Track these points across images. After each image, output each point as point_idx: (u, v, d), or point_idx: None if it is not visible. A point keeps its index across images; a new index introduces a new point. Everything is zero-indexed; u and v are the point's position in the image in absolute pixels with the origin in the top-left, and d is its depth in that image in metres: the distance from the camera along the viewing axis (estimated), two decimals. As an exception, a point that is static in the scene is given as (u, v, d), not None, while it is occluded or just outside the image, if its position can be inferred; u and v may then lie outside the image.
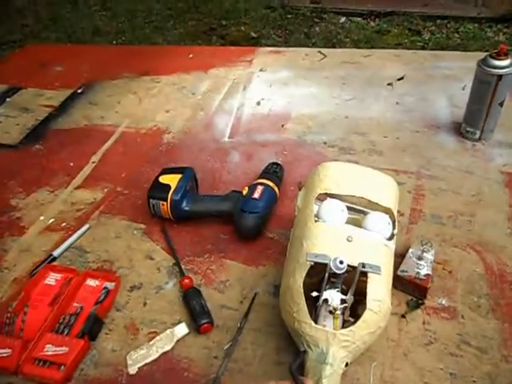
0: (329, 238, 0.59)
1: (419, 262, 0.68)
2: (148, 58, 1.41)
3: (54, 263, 0.81)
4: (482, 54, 0.90)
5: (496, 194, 0.83)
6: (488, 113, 0.88)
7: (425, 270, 0.67)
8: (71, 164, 1.03)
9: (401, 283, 0.68)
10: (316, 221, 0.61)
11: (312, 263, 0.56)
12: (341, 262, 0.55)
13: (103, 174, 0.99)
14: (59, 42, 3.16)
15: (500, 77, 0.83)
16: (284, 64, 1.28)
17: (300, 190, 0.89)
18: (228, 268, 0.77)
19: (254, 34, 2.99)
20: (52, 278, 0.78)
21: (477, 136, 0.92)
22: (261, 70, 1.26)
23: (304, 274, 0.56)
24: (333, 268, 0.55)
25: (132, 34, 3.28)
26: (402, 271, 0.68)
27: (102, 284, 0.76)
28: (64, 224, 0.89)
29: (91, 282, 0.77)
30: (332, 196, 0.64)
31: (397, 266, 0.68)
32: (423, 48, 2.64)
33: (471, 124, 0.92)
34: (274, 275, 0.74)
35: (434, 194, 0.85)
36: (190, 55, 1.39)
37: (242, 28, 3.07)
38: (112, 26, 3.45)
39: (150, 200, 0.83)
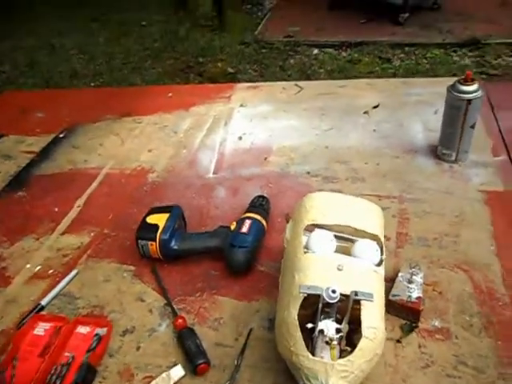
0: (319, 268, 0.59)
1: (410, 286, 0.69)
2: (128, 99, 1.43)
3: (43, 312, 0.79)
4: (450, 79, 0.95)
5: (477, 212, 0.86)
6: (461, 135, 0.91)
7: (416, 293, 0.68)
8: (56, 209, 1.03)
9: (393, 308, 0.68)
10: (305, 252, 0.61)
11: (305, 295, 0.56)
12: (333, 292, 0.55)
13: (89, 218, 0.99)
14: (36, 88, 3.18)
15: (469, 101, 0.87)
16: (263, 98, 1.32)
17: (287, 221, 0.90)
18: (221, 305, 0.76)
19: (230, 70, 3.06)
20: (41, 328, 0.76)
21: (453, 158, 0.96)
22: (241, 106, 1.29)
23: (298, 307, 0.57)
24: (326, 298, 0.55)
25: (110, 75, 3.33)
26: (394, 295, 0.68)
27: (94, 330, 0.75)
28: (51, 271, 0.87)
29: (82, 330, 0.75)
30: (320, 226, 0.65)
31: (388, 290, 0.69)
32: (394, 74, 2.74)
33: (447, 146, 0.95)
34: (268, 309, 0.74)
35: (418, 216, 0.87)
36: (170, 94, 1.42)
37: (219, 64, 3.15)
38: (90, 69, 3.49)
39: (139, 241, 0.83)
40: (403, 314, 0.68)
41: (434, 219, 0.86)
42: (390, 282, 0.71)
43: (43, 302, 0.80)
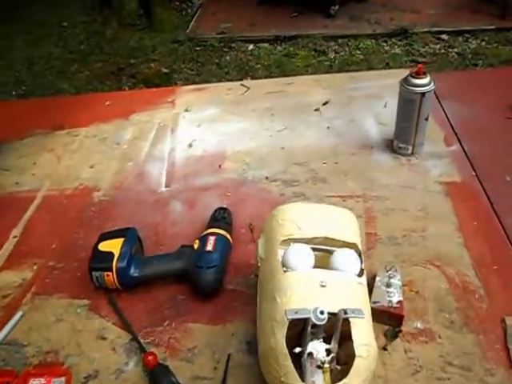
0: (302, 287, 0.55)
1: (389, 290, 0.67)
2: (60, 111, 1.30)
3: (-15, 367, 0.69)
4: (394, 72, 0.95)
5: (440, 204, 0.86)
6: (417, 128, 0.91)
7: (396, 297, 0.67)
8: (-12, 242, 0.91)
9: (375, 315, 0.65)
10: (285, 271, 0.57)
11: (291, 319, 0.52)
12: (321, 313, 0.51)
13: (29, 249, 0.88)
14: None
15: (423, 94, 0.87)
16: (208, 101, 1.25)
17: (252, 231, 0.86)
18: (193, 333, 0.70)
19: (165, 70, 2.95)
20: (-15, 387, 0.66)
21: (409, 151, 0.96)
22: (186, 110, 1.22)
23: (285, 333, 0.52)
24: (314, 320, 0.51)
25: (33, 82, 3.09)
26: (375, 302, 0.66)
27: (50, 382, 0.65)
28: (-10, 316, 0.76)
29: (35, 382, 0.66)
30: (294, 240, 0.61)
31: (367, 296, 0.66)
32: (331, 66, 2.78)
33: (403, 140, 0.95)
34: (244, 330, 0.69)
35: (384, 214, 0.85)
36: (107, 102, 1.31)
37: (152, 65, 3.02)
38: (8, 76, 3.21)
39: (93, 272, 0.74)
40: (385, 319, 0.66)
41: (400, 216, 0.85)
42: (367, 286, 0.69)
43: (-16, 355, 0.70)
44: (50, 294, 0.79)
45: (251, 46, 3.06)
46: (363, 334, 0.53)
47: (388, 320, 0.66)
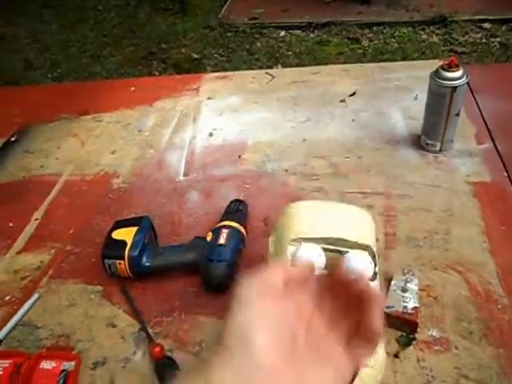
0: (310, 289, 0.53)
1: (404, 295, 0.64)
2: (86, 96, 1.31)
3: (0, 347, 0.71)
4: (426, 62, 0.90)
5: (466, 206, 0.82)
6: (446, 124, 0.87)
7: (412, 303, 0.63)
8: (10, 224, 0.93)
9: (388, 320, 0.63)
10: (293, 271, 0.55)
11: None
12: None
13: (49, 233, 0.89)
14: (-12, 81, 2.97)
15: (455, 88, 0.82)
16: (232, 89, 1.23)
17: (267, 225, 0.85)
18: (202, 325, 0.69)
19: (195, 55, 2.94)
20: (-1, 367, 0.68)
21: (437, 148, 0.91)
22: (209, 98, 1.20)
23: (289, 336, 0.50)
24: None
25: (68, 65, 3.15)
26: (389, 307, 0.63)
27: (60, 365, 0.66)
28: (8, 297, 0.78)
29: (46, 365, 0.67)
30: (306, 240, 0.59)
31: (381, 300, 0.63)
32: (364, 55, 2.70)
33: (431, 136, 0.90)
34: (253, 327, 0.68)
35: (405, 214, 0.82)
36: (132, 88, 1.31)
37: (183, 50, 3.02)
38: (45, 59, 3.29)
39: (105, 260, 0.74)
40: (399, 325, 0.63)
41: (422, 216, 0.81)
42: (382, 289, 0.66)
43: (0, 335, 0.72)
44: (66, 279, 0.80)
45: (283, 33, 3.01)
46: (371, 342, 0.51)
47: (401, 326, 0.63)
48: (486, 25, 2.73)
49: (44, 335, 0.72)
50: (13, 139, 1.18)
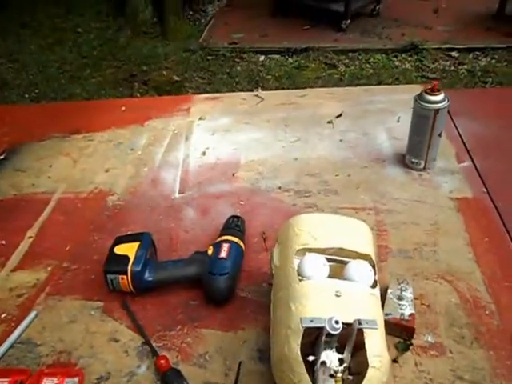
0: (317, 296, 0.56)
1: (400, 303, 0.68)
2: (76, 115, 1.32)
3: (-2, 365, 0.70)
4: (406, 87, 0.97)
5: (451, 220, 0.87)
6: (430, 144, 0.93)
7: (408, 310, 0.67)
8: (3, 242, 0.92)
9: (387, 326, 0.66)
10: (300, 280, 0.58)
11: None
12: (336, 322, 0.52)
13: (44, 250, 0.89)
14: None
15: (437, 110, 0.88)
16: (223, 110, 1.27)
17: (264, 240, 0.87)
18: (205, 338, 0.71)
19: (176, 78, 2.98)
20: (-2, 385, 0.67)
21: (421, 166, 0.97)
22: (200, 119, 1.24)
23: (299, 341, 0.53)
24: (329, 329, 0.52)
25: (46, 85, 3.13)
26: (387, 314, 0.67)
27: (62, 382, 0.66)
28: (4, 315, 0.77)
29: (48, 382, 0.66)
30: (310, 250, 0.62)
31: (378, 308, 0.67)
32: (341, 80, 2.81)
33: (415, 155, 0.96)
34: (255, 338, 0.70)
35: (395, 227, 0.86)
36: (123, 108, 1.33)
37: (164, 72, 3.06)
38: (22, 79, 3.26)
39: (108, 275, 0.75)
40: (397, 332, 0.67)
41: (411, 229, 0.86)
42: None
43: (-2, 353, 0.71)
44: (64, 295, 0.80)
45: (262, 57, 3.10)
46: (377, 345, 0.54)
47: (399, 332, 0.67)
48: (454, 53, 2.90)
49: (44, 352, 0.71)
50: (2, 157, 1.17)
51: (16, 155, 1.17)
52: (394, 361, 0.65)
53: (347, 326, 0.54)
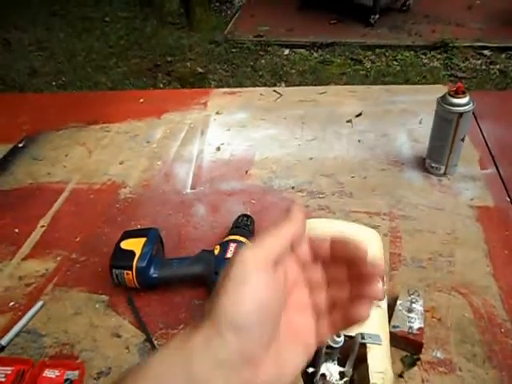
0: (320, 306, 0.54)
1: (410, 315, 0.65)
2: (95, 105, 1.33)
3: (2, 354, 0.70)
4: (432, 87, 0.92)
5: (469, 230, 0.83)
6: (451, 149, 0.89)
7: (417, 324, 0.64)
8: (16, 230, 0.93)
9: (394, 339, 0.64)
10: (304, 287, 0.56)
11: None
12: (338, 335, 0.50)
13: (55, 240, 0.90)
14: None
15: (461, 114, 0.84)
16: (240, 105, 1.25)
17: (273, 241, 0.85)
18: (206, 339, 0.70)
19: (200, 70, 2.98)
20: (1, 374, 0.67)
21: (442, 171, 0.93)
22: (217, 113, 1.22)
23: (299, 352, 0.51)
24: (329, 342, 0.50)
25: (73, 74, 3.17)
26: (394, 327, 0.64)
27: (63, 374, 0.66)
28: (12, 303, 0.78)
29: (50, 374, 0.67)
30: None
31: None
32: (366, 76, 2.74)
33: (435, 160, 0.92)
34: (258, 342, 0.68)
35: (410, 235, 0.83)
36: (141, 100, 1.33)
37: (188, 64, 3.06)
38: (50, 67, 3.32)
39: (113, 270, 0.75)
40: (403, 345, 0.64)
41: (427, 237, 0.82)
42: (387, 309, 0.67)
43: (3, 342, 0.71)
44: (71, 287, 0.80)
45: (287, 51, 3.06)
46: (379, 361, 0.52)
47: (406, 346, 0.64)
48: (486, 52, 2.79)
49: (48, 343, 0.72)
50: (20, 145, 1.19)
51: (34, 144, 1.19)
52: (400, 375, 0.62)
53: (350, 338, 0.52)
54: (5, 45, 3.64)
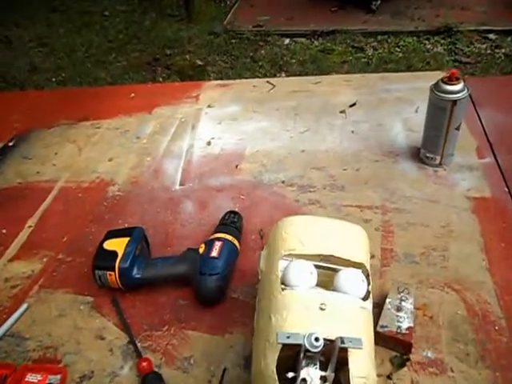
0: (299, 308, 0.52)
1: (399, 314, 0.63)
2: (86, 102, 1.31)
3: (-14, 358, 0.70)
4: (428, 74, 0.88)
5: (465, 222, 0.80)
6: (446, 138, 0.85)
7: (406, 323, 0.62)
8: (4, 231, 0.92)
9: (382, 339, 0.62)
10: (283, 289, 0.54)
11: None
12: (316, 340, 0.48)
13: (41, 240, 0.88)
14: (-7, 84, 2.99)
15: (455, 102, 0.80)
16: (232, 98, 1.22)
17: (261, 238, 0.83)
18: (191, 341, 0.68)
19: (199, 62, 2.94)
20: (-16, 379, 0.66)
21: (437, 161, 0.89)
22: (208, 106, 1.19)
23: (276, 357, 0.49)
24: (308, 347, 0.48)
25: (72, 69, 3.15)
26: (382, 327, 0.62)
27: (46, 379, 0.65)
28: (-3, 306, 0.77)
29: (32, 378, 0.66)
30: (298, 256, 0.57)
31: (375, 318, 0.61)
32: (368, 64, 2.68)
33: (430, 150, 0.89)
34: (243, 344, 0.66)
35: (403, 229, 0.80)
36: (132, 95, 1.30)
37: (187, 56, 3.02)
38: (50, 63, 3.30)
39: (96, 271, 0.73)
40: (392, 345, 0.62)
41: (420, 231, 0.79)
42: (376, 307, 0.64)
43: (-13, 346, 0.71)
44: (56, 288, 0.79)
45: (287, 41, 3.00)
46: (361, 366, 0.49)
47: (395, 346, 0.62)
48: (491, 36, 2.71)
49: (31, 347, 0.70)
50: (10, 144, 1.17)
51: (24, 142, 1.17)
52: (388, 377, 0.60)
53: (330, 342, 0.49)
54: (6, 43, 3.63)
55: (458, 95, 0.80)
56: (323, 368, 0.51)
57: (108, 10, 3.82)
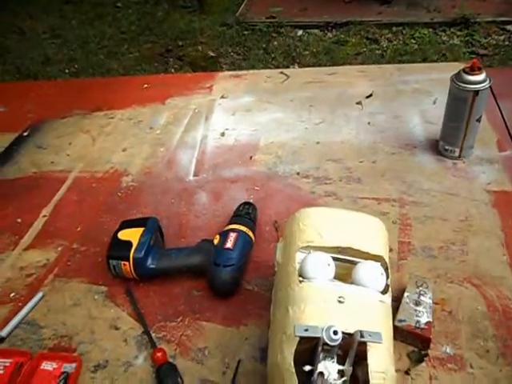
0: (317, 301, 0.51)
1: (417, 308, 0.62)
2: (100, 92, 1.31)
3: (2, 345, 0.70)
4: (447, 65, 0.86)
5: (485, 216, 0.78)
6: (466, 130, 0.83)
7: (425, 318, 0.61)
8: (19, 220, 0.92)
9: (400, 334, 0.61)
10: (301, 281, 0.53)
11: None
12: (335, 333, 0.47)
13: (56, 230, 0.88)
14: (7, 75, 3.01)
15: (477, 92, 0.78)
16: (246, 88, 1.21)
17: (277, 230, 0.82)
18: (205, 332, 0.68)
19: (212, 53, 2.92)
20: (0, 366, 0.67)
21: (456, 154, 0.87)
22: (222, 97, 1.18)
23: (294, 350, 0.48)
24: (326, 340, 0.47)
25: (85, 61, 3.16)
26: (400, 321, 0.61)
27: (61, 367, 0.65)
28: (12, 294, 0.77)
29: (47, 366, 0.66)
30: (315, 248, 0.56)
31: (393, 312, 0.60)
32: (382, 56, 2.64)
33: (449, 142, 0.87)
34: (259, 336, 0.66)
35: (421, 222, 0.78)
36: (145, 85, 1.30)
37: (199, 48, 3.00)
38: (63, 54, 3.31)
39: (110, 260, 0.73)
40: (410, 340, 0.61)
41: (438, 225, 0.78)
42: (394, 300, 0.63)
43: (3, 333, 0.71)
44: (71, 277, 0.79)
45: (300, 32, 2.97)
46: (380, 360, 0.48)
47: (414, 341, 0.60)
48: (510, 27, 2.65)
49: (47, 335, 0.71)
50: (25, 134, 1.18)
51: (38, 132, 1.17)
52: (406, 372, 0.59)
53: (349, 335, 0.48)
54: (19, 34, 3.65)
55: (480, 85, 0.78)
56: (341, 362, 0.50)
57: (121, 1, 3.82)
